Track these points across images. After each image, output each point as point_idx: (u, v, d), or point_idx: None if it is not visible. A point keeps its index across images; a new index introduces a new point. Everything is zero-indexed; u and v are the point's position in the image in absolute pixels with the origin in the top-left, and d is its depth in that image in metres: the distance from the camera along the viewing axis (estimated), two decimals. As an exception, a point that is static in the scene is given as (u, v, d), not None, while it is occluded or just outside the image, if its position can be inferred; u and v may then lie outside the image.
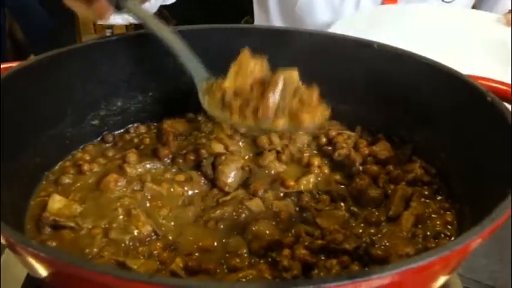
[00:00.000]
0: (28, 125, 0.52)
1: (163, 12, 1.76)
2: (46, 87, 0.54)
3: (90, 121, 0.60)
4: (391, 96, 0.58)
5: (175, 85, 0.63)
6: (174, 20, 1.72)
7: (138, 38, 0.60)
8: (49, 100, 0.54)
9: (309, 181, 0.56)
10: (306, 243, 0.46)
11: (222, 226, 0.51)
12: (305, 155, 0.60)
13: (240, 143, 0.61)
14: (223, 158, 0.56)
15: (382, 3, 0.97)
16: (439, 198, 0.53)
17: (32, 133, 0.53)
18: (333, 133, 0.60)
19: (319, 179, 0.56)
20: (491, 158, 0.47)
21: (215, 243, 0.49)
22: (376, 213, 0.51)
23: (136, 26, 0.85)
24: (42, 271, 0.36)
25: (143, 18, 0.55)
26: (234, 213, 0.52)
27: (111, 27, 3.37)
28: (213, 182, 0.56)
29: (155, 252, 0.47)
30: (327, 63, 0.60)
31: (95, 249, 0.47)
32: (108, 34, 3.41)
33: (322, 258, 0.46)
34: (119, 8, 0.55)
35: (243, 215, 0.52)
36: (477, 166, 0.49)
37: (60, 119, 0.56)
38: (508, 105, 0.48)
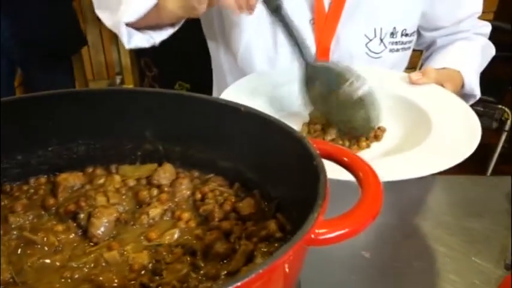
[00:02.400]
0: None
1: (146, 61, 1.87)
2: None
3: (-10, 173, 0.66)
4: (257, 156, 0.62)
5: (76, 142, 0.69)
6: (155, 69, 1.82)
7: (34, 99, 0.66)
8: None
9: (173, 235, 0.60)
10: (136, 295, 0.50)
11: (77, 276, 0.55)
12: (182, 207, 0.64)
13: (124, 196, 0.66)
14: (97, 210, 0.61)
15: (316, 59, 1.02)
16: (285, 255, 0.56)
17: None
18: (206, 189, 0.64)
19: (183, 232, 0.60)
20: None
21: (64, 292, 0.53)
22: (218, 268, 0.54)
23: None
24: None
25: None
26: (93, 264, 0.56)
27: (120, 73, 3.54)
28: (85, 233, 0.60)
29: (9, 297, 0.52)
30: (205, 123, 0.65)
31: (-49, 293, 0.51)
32: (118, 80, 3.59)
33: (152, 310, 0.49)
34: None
35: (100, 266, 0.56)
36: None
37: (-44, 171, 0.63)
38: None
